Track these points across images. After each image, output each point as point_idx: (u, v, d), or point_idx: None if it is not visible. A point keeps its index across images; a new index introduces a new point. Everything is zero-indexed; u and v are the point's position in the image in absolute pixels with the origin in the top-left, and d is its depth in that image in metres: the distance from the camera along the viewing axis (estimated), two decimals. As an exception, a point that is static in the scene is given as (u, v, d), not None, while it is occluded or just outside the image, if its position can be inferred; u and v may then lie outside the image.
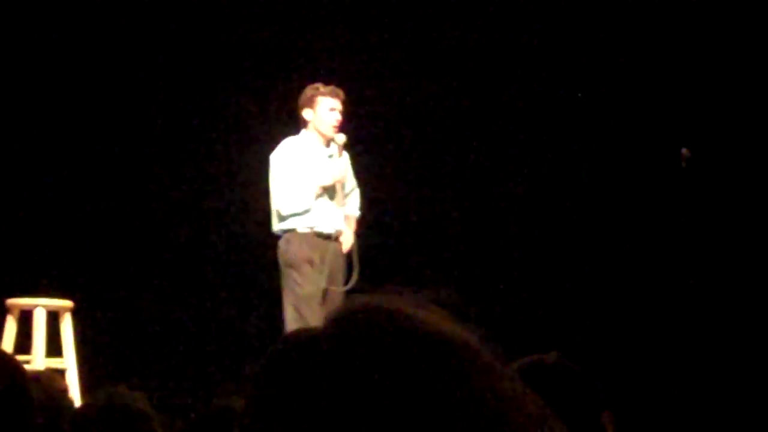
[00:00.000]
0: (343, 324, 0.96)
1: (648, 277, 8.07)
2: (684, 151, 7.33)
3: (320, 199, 7.02)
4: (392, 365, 0.91)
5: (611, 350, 7.83)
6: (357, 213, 7.32)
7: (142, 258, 8.49)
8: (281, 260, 7.00)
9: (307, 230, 6.98)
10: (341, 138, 7.04)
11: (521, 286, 8.36)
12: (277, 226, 7.06)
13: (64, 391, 2.85)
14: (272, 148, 7.09)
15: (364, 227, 7.41)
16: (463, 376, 0.93)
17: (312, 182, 6.97)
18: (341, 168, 7.07)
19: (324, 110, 7.01)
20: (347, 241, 7.09)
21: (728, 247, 7.99)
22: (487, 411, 0.91)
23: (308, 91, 7.06)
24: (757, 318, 7.79)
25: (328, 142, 7.09)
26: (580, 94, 8.35)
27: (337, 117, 7.01)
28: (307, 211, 6.97)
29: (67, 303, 7.06)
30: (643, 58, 8.25)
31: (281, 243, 7.02)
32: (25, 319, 6.95)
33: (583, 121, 8.40)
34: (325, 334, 0.95)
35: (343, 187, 7.13)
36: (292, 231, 6.99)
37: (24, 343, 6.90)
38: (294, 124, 7.16)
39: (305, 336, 0.96)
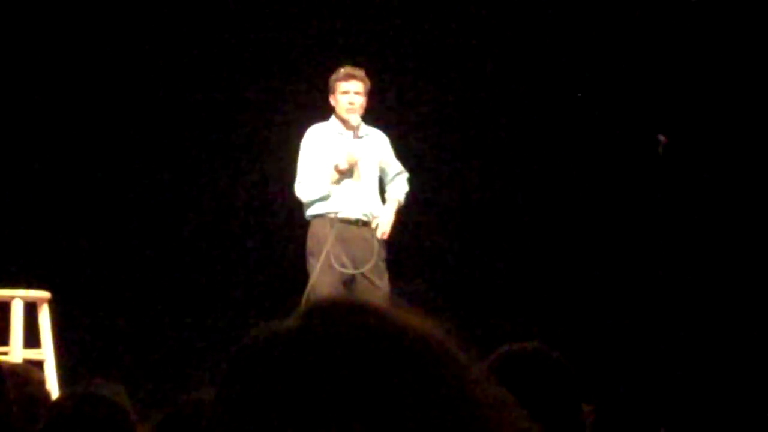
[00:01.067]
0: (310, 319, 0.95)
1: (626, 265, 8.08)
2: (661, 137, 7.33)
3: (344, 183, 7.01)
4: (358, 361, 0.91)
5: (591, 340, 7.84)
6: (399, 197, 7.22)
7: (119, 248, 8.45)
8: (306, 248, 7.03)
9: (332, 216, 6.98)
10: (354, 120, 7.05)
11: (500, 275, 8.36)
12: (306, 213, 7.09)
13: (41, 383, 2.83)
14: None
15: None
16: (429, 371, 0.92)
17: (328, 166, 7.00)
18: (358, 150, 7.04)
19: (339, 94, 7.05)
20: (381, 225, 7.02)
21: (706, 234, 8.00)
22: (454, 407, 0.91)
23: (330, 78, 7.13)
24: (736, 304, 7.81)
25: (347, 125, 7.10)
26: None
27: (350, 99, 7.02)
28: (326, 196, 6.99)
29: (45, 294, 7.03)
30: (619, 45, 8.25)
31: (309, 229, 7.05)
32: (3, 311, 6.92)
33: (560, 108, 8.39)
34: (292, 330, 0.95)
35: (377, 169, 7.10)
36: (318, 217, 7.03)
37: (1, 334, 6.87)
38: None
39: (273, 331, 0.95)
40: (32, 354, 6.83)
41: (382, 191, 7.24)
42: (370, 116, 7.27)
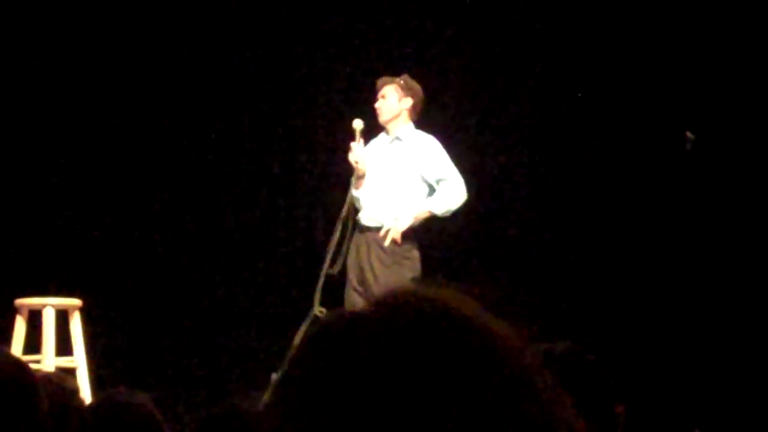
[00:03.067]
0: (384, 308, 0.95)
1: (656, 263, 8.05)
2: (688, 134, 7.31)
3: (368, 189, 7.00)
4: (431, 352, 0.91)
5: (622, 340, 7.81)
6: (429, 206, 7.01)
7: (150, 255, 8.48)
8: None
9: (356, 223, 7.03)
10: (355, 124, 7.06)
11: (528, 275, 8.35)
12: None
13: (75, 391, 2.84)
14: None
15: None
16: (502, 366, 0.93)
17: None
18: (361, 154, 7.01)
19: None
20: (392, 231, 6.89)
21: (736, 231, 7.97)
22: (524, 405, 0.91)
23: None
24: (765, 302, 7.77)
25: (387, 130, 7.12)
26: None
27: (377, 104, 7.06)
28: (358, 200, 7.03)
29: (76, 302, 7.06)
30: (646, 41, 8.23)
31: None
32: (35, 319, 6.95)
33: (587, 104, 8.37)
34: (365, 317, 0.95)
35: (408, 175, 7.03)
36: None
37: (34, 342, 6.90)
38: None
39: (345, 318, 0.96)
40: (64, 362, 6.86)
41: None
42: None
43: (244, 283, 8.53)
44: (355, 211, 7.06)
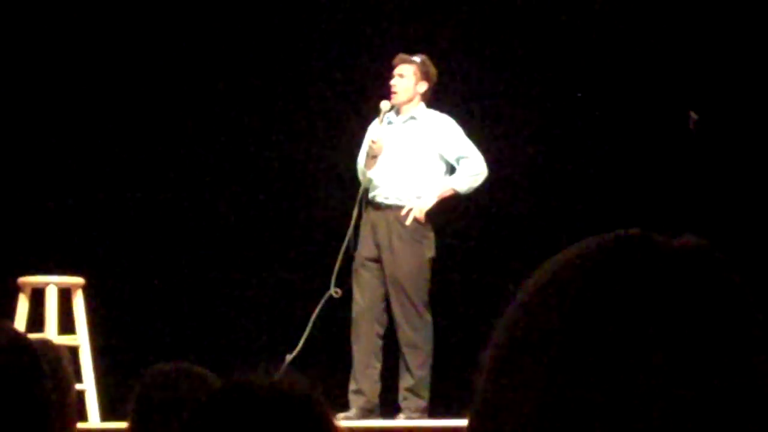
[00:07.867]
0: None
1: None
2: (692, 113, 7.29)
3: (382, 167, 6.97)
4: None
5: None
6: (452, 183, 7.05)
7: (154, 233, 8.48)
8: None
9: (371, 200, 7.01)
10: (383, 105, 7.03)
11: (524, 256, 8.33)
12: None
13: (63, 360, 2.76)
14: None
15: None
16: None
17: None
18: (377, 133, 6.99)
19: None
20: (415, 210, 6.91)
21: (737, 211, 7.95)
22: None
23: None
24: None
25: (398, 110, 7.09)
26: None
27: (392, 82, 7.01)
28: (370, 181, 6.98)
29: (79, 280, 7.07)
30: (649, 19, 8.21)
31: None
32: (37, 297, 6.96)
33: (590, 83, 8.35)
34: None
35: (426, 153, 7.01)
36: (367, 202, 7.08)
37: (36, 321, 6.92)
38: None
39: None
40: (67, 340, 6.87)
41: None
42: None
43: (254, 260, 8.51)
44: (365, 190, 7.04)
